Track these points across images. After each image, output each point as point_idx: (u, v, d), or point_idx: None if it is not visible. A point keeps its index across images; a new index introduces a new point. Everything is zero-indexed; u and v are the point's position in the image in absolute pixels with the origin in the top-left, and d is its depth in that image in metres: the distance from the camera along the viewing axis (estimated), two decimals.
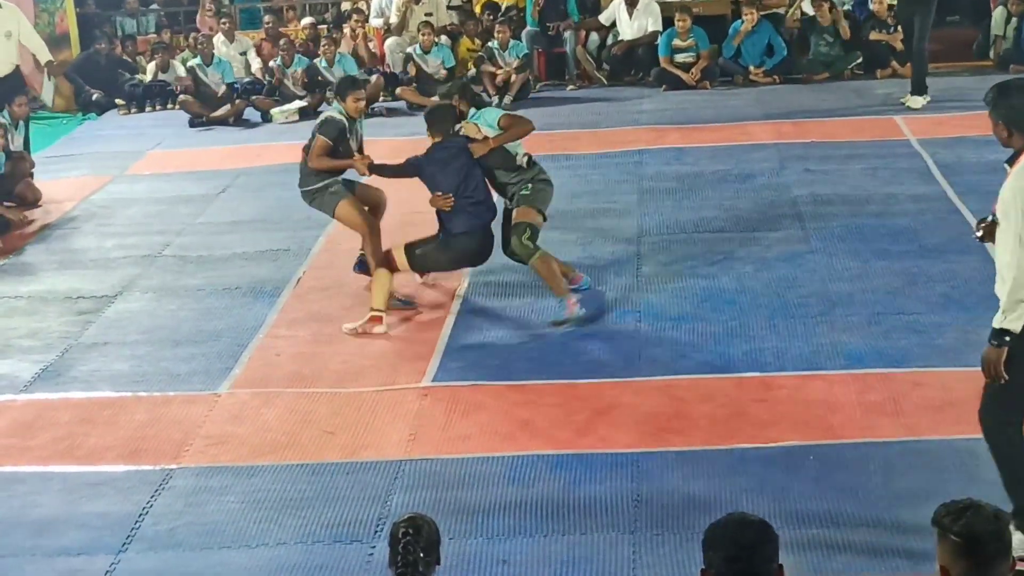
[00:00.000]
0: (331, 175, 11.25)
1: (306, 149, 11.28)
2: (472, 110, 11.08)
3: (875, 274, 11.33)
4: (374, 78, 19.26)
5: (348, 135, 11.21)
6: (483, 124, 10.88)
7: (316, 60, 19.40)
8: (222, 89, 19.23)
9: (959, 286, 10.92)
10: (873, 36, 19.17)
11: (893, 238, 12.14)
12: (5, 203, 14.89)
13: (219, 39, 20.47)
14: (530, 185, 10.90)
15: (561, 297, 10.69)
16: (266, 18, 21.45)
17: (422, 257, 10.91)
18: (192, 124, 18.85)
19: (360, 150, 11.40)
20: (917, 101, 16.93)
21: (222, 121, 18.87)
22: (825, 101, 17.86)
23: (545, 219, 11.02)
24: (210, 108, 19.00)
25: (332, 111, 11.37)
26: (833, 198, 13.40)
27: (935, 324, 10.25)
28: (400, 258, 10.89)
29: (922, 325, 10.25)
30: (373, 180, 11.49)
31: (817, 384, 9.40)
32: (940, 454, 8.30)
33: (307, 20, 21.65)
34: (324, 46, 19.39)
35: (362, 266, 11.49)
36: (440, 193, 10.72)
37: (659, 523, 7.72)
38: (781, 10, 20.10)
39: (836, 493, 7.90)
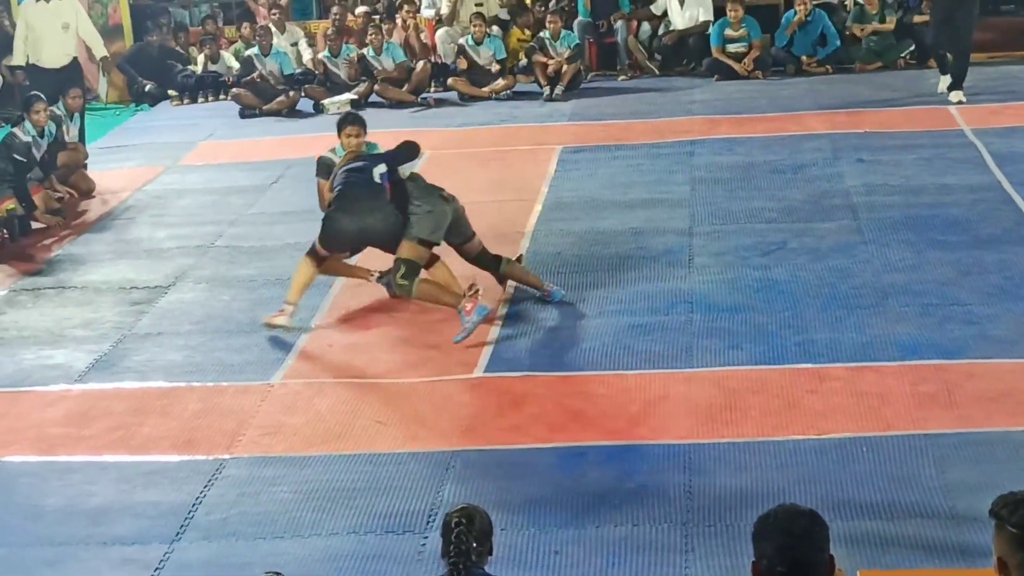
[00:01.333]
0: None
1: None
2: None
3: (929, 265, 11.27)
4: (420, 64, 19.27)
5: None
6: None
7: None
8: (276, 78, 19.22)
9: (1014, 277, 10.87)
10: (917, 19, 19.05)
11: (947, 228, 12.07)
12: (57, 194, 15.02)
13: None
14: (411, 218, 10.70)
15: (457, 307, 10.49)
16: (334, 9, 21.42)
17: (321, 234, 10.95)
18: (243, 115, 18.90)
19: None
20: (958, 95, 16.73)
21: (274, 112, 18.91)
22: (878, 91, 17.77)
23: (433, 244, 10.83)
24: (264, 100, 19.03)
25: (326, 151, 11.46)
26: (886, 188, 13.34)
27: (989, 315, 10.19)
28: (320, 246, 10.93)
29: (976, 316, 10.19)
30: None
31: (870, 375, 9.35)
32: (995, 446, 8.24)
33: (361, 9, 21.68)
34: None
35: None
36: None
37: (711, 514, 7.70)
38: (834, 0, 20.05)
39: (890, 485, 7.86)
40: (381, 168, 10.84)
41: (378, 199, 10.72)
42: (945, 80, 16.90)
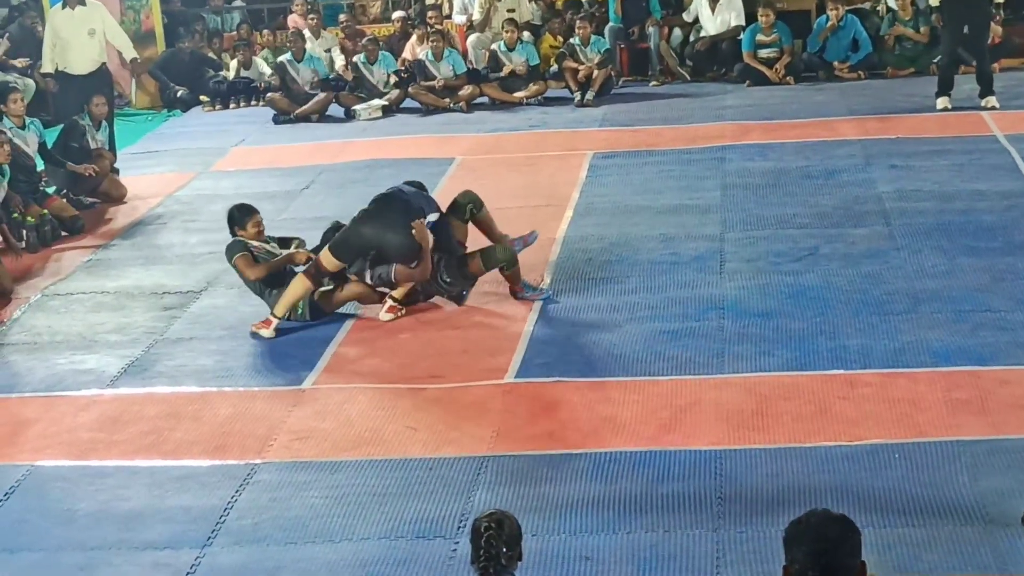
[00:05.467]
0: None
1: None
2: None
3: (961, 271, 11.23)
4: (469, 89, 19.12)
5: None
6: None
7: (421, 54, 19.44)
8: (311, 82, 19.23)
9: None
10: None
11: (980, 235, 12.03)
12: (89, 199, 15.07)
13: (306, 36, 20.53)
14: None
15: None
16: (341, 16, 21.48)
17: (340, 245, 11.04)
18: (277, 121, 18.93)
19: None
20: (991, 100, 16.63)
21: (306, 118, 18.94)
22: (910, 97, 17.72)
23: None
24: (297, 105, 19.06)
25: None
26: (919, 194, 13.30)
27: (1022, 321, 10.14)
28: (326, 259, 10.97)
29: (1009, 322, 10.15)
30: None
31: (903, 382, 9.31)
32: None
33: (398, 14, 21.72)
34: (434, 41, 19.31)
35: None
36: None
37: (743, 521, 7.67)
38: (866, 5, 19.98)
39: (922, 492, 7.83)
40: (433, 216, 11.04)
41: (406, 226, 10.84)
42: (943, 100, 16.76)
